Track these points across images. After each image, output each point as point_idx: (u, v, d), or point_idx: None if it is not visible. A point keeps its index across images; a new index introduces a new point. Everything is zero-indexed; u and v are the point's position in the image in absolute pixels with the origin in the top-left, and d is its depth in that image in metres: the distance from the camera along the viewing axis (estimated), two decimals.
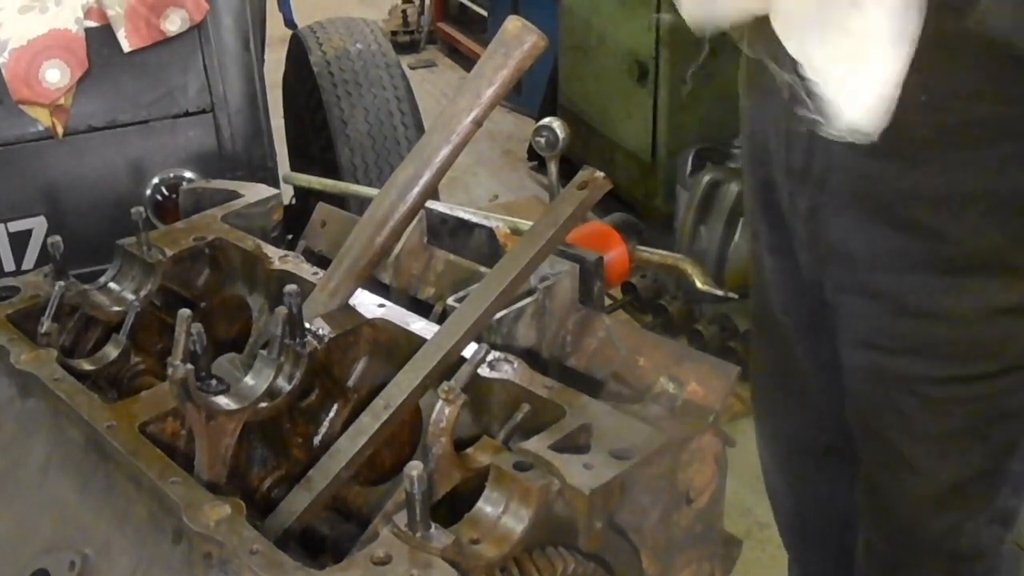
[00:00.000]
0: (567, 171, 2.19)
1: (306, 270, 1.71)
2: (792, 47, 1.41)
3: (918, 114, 1.53)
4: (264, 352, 1.40)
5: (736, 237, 3.79)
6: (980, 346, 1.67)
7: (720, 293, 3.33)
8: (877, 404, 1.79)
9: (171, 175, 2.81)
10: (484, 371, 1.40)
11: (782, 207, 1.84)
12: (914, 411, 1.74)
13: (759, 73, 1.73)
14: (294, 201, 3.47)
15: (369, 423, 1.36)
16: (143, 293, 1.74)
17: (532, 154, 5.57)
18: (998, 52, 1.45)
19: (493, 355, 1.42)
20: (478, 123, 1.51)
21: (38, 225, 2.75)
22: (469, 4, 7.13)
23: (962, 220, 1.59)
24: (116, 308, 1.72)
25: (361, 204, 2.91)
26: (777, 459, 2.23)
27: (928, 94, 1.50)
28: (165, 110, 2.81)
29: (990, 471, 1.77)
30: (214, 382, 1.33)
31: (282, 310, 1.39)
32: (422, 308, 1.68)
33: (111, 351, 1.65)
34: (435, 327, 1.51)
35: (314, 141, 3.58)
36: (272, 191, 2.03)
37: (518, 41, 1.47)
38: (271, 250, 1.80)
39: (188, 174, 2.81)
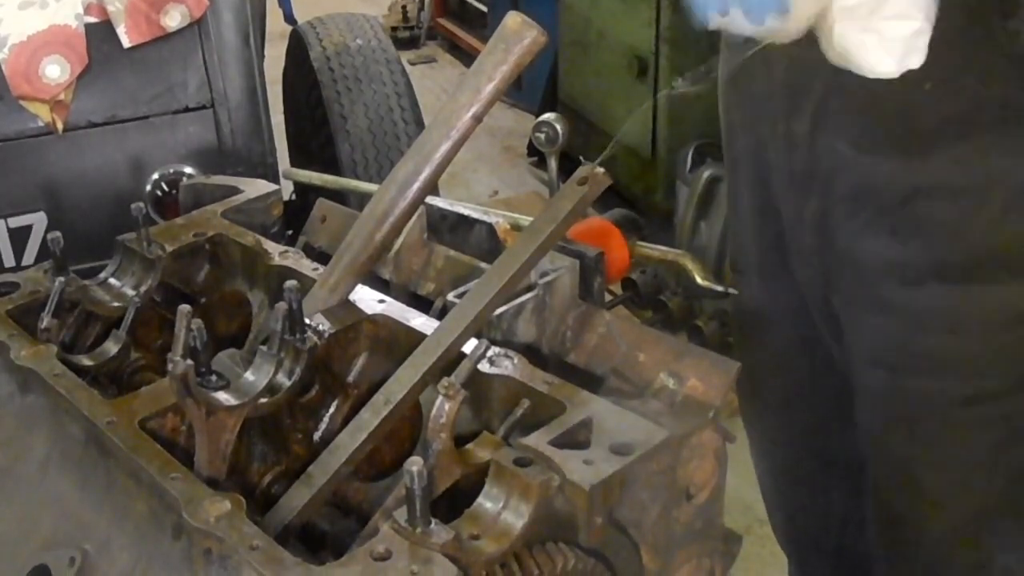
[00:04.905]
0: (567, 167, 2.18)
1: (306, 266, 1.71)
2: None
3: (923, 103, 1.47)
4: (264, 348, 1.40)
5: None
6: (1000, 358, 1.60)
7: (720, 289, 3.33)
8: (895, 430, 1.73)
9: (171, 171, 2.81)
10: (484, 367, 1.40)
11: (785, 222, 1.77)
12: (933, 437, 1.67)
13: (752, 78, 1.68)
14: (294, 197, 3.47)
15: (369, 419, 1.36)
16: (143, 289, 1.74)
17: (532, 150, 5.57)
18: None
19: (493, 351, 1.42)
20: (478, 119, 1.50)
21: (38, 221, 2.75)
22: (469, 0, 7.13)
23: (979, 215, 1.51)
24: (116, 304, 1.72)
25: (361, 200, 2.91)
26: (771, 467, 2.20)
27: (932, 80, 1.43)
28: (165, 106, 2.82)
29: (1016, 500, 1.70)
30: (214, 378, 1.33)
31: (282, 306, 1.39)
32: (422, 304, 1.68)
33: (111, 347, 1.65)
34: (435, 323, 1.51)
35: (314, 137, 3.58)
36: (272, 187, 2.03)
37: (518, 37, 1.47)
38: (271, 246, 1.80)
39: (188, 170, 2.81)
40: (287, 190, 3.15)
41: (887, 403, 1.72)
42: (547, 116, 2.66)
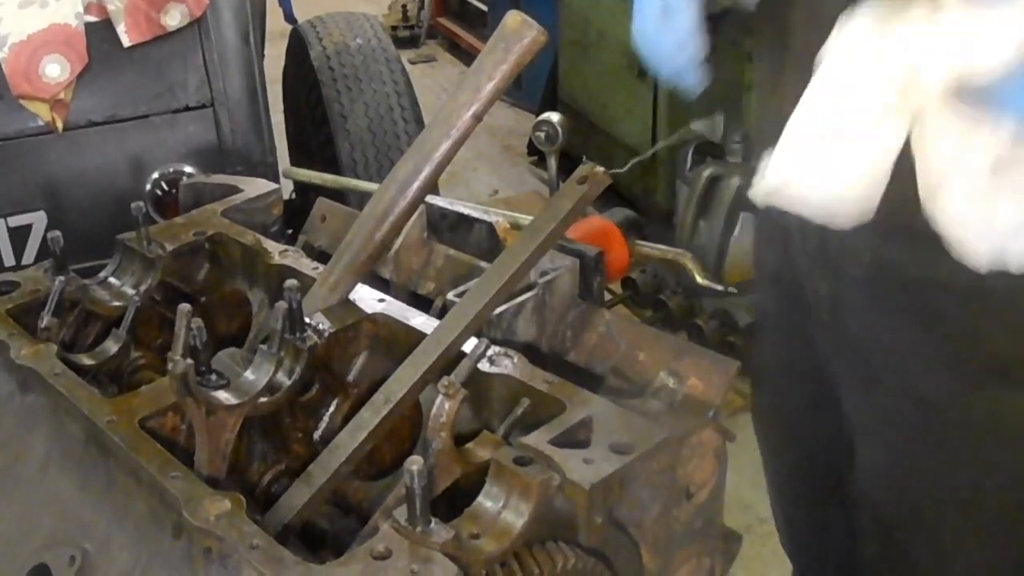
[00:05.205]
0: (567, 166, 2.19)
1: (306, 265, 1.71)
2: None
3: None
4: (264, 347, 1.40)
5: (736, 232, 3.79)
6: (1017, 467, 1.50)
7: (720, 288, 3.34)
8: (897, 520, 1.65)
9: (171, 170, 2.81)
10: (484, 366, 1.40)
11: (804, 290, 1.69)
12: (933, 522, 1.59)
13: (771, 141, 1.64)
14: (294, 196, 3.48)
15: (369, 418, 1.36)
16: (143, 288, 1.74)
17: (532, 149, 5.57)
18: None
19: (493, 350, 1.42)
20: (478, 118, 1.50)
21: (38, 220, 2.75)
22: None
23: (997, 318, 1.40)
24: (116, 303, 1.72)
25: (361, 199, 2.91)
26: (776, 476, 2.16)
27: None
28: (165, 105, 2.82)
29: None
30: (214, 377, 1.33)
31: (282, 305, 1.39)
32: (422, 303, 1.68)
33: (111, 346, 1.65)
34: (435, 322, 1.51)
35: (314, 136, 3.58)
36: (272, 186, 2.03)
37: (518, 36, 1.47)
38: (271, 245, 1.80)
39: (188, 169, 2.81)
40: (287, 189, 3.16)
41: (887, 482, 1.65)
42: (547, 115, 2.67)
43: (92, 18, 2.73)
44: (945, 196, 1.25)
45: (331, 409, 1.54)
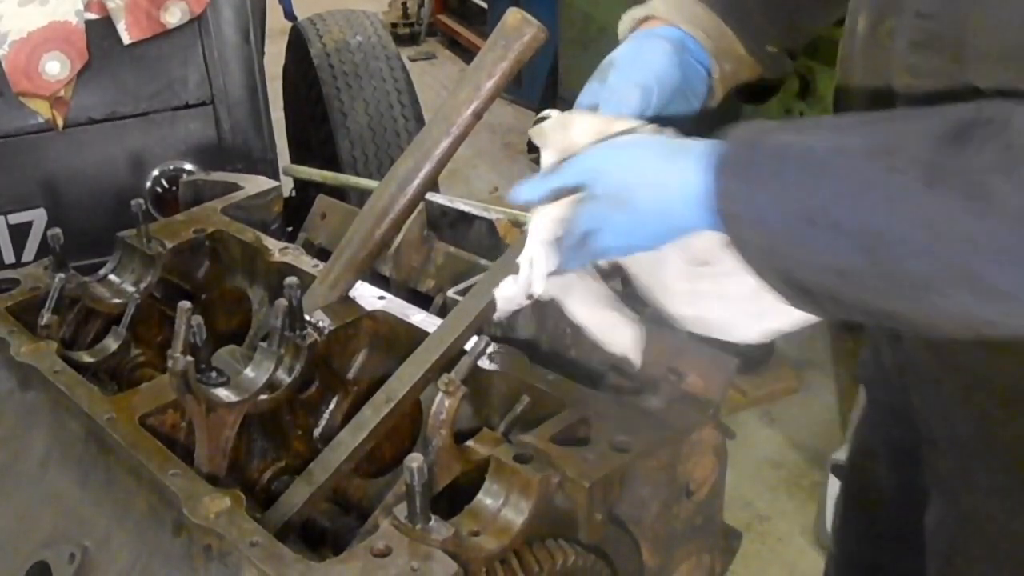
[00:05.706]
0: None
1: (306, 262, 1.71)
2: None
3: None
4: (264, 344, 1.40)
5: None
6: None
7: None
8: None
9: (171, 167, 2.81)
10: (484, 363, 1.40)
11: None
12: None
13: None
14: (294, 193, 3.48)
15: (370, 417, 1.36)
16: (143, 285, 1.74)
17: (532, 146, 5.56)
18: None
19: (493, 347, 1.42)
20: (478, 115, 1.50)
21: (38, 217, 2.75)
22: None
23: None
24: (116, 300, 1.72)
25: (361, 196, 2.91)
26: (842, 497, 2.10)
27: None
28: (165, 102, 2.82)
29: None
30: (214, 374, 1.33)
31: (282, 302, 1.39)
32: (422, 300, 1.68)
33: (111, 343, 1.65)
34: (435, 319, 1.51)
35: (314, 133, 3.58)
36: (272, 183, 2.03)
37: (518, 33, 1.47)
38: (271, 242, 1.79)
39: (188, 166, 2.81)
40: (287, 186, 3.15)
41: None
42: (547, 112, 2.65)
43: (92, 15, 2.73)
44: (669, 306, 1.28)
45: (331, 406, 1.54)
